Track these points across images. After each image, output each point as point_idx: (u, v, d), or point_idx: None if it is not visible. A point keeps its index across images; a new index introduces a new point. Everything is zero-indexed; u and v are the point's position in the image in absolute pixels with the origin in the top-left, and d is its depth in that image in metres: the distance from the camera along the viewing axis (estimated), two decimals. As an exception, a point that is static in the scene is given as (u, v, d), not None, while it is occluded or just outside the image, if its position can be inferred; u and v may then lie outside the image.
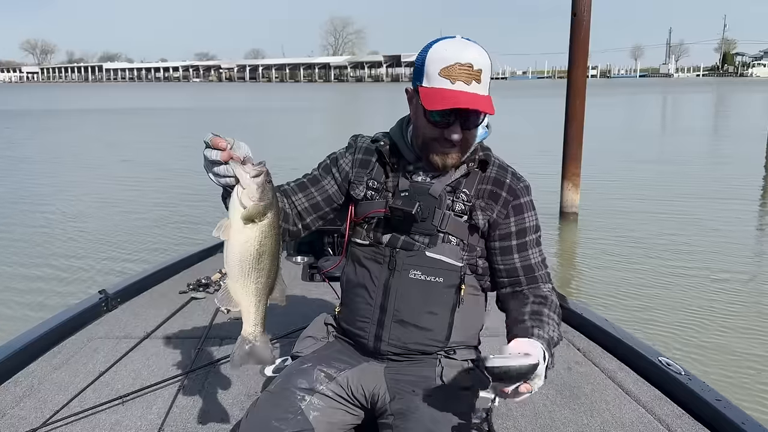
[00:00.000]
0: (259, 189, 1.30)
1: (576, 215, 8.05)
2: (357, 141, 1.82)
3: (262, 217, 1.33)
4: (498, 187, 1.70)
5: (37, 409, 2.16)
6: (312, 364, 1.73)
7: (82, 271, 6.29)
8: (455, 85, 1.54)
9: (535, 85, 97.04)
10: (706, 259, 6.44)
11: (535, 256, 1.73)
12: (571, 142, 7.91)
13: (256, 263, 1.36)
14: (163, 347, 2.68)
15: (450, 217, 1.67)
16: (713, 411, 2.02)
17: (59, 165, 13.97)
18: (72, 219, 8.59)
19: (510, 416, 2.12)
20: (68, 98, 55.03)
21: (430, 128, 1.60)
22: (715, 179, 11.13)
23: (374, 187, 1.74)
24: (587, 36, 7.74)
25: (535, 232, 1.74)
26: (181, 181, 11.25)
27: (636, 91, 60.33)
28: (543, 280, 1.72)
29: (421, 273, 1.67)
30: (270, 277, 1.40)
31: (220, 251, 4.22)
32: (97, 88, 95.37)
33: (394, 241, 1.69)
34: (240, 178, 1.31)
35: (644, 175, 11.51)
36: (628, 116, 29.63)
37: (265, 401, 1.64)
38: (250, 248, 1.34)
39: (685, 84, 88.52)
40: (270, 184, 1.34)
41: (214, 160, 1.33)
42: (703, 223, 7.93)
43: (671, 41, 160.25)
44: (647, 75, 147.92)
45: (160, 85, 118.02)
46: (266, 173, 1.32)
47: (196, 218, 8.43)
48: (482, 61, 1.56)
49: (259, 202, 1.31)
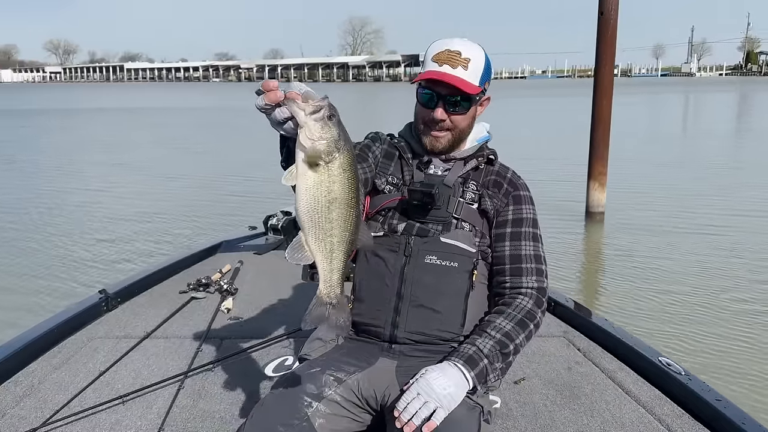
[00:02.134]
0: (318, 125, 1.17)
1: (602, 215, 7.99)
2: (379, 135, 1.92)
3: (328, 158, 1.18)
4: (501, 178, 1.83)
5: (37, 409, 2.16)
6: (321, 368, 1.71)
7: (82, 271, 6.29)
8: (442, 68, 1.69)
9: (554, 84, 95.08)
10: (732, 260, 6.31)
11: (527, 248, 1.76)
12: (597, 141, 7.85)
13: (326, 212, 1.22)
14: (163, 347, 2.68)
15: (463, 204, 1.77)
16: (713, 411, 2.02)
17: (60, 165, 13.98)
18: (72, 219, 8.59)
19: (510, 416, 2.12)
20: (81, 98, 55.20)
21: (421, 110, 1.77)
22: (739, 183, 10.74)
23: (394, 183, 1.82)
24: (614, 35, 7.63)
25: (531, 226, 1.79)
26: (183, 181, 11.26)
27: (658, 90, 59.04)
28: (528, 273, 1.74)
29: (436, 258, 1.72)
30: (346, 230, 1.24)
31: (220, 251, 4.25)
32: (118, 88, 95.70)
33: (410, 228, 1.75)
34: (296, 116, 1.18)
35: (668, 176, 11.34)
36: (651, 116, 29.12)
37: (271, 404, 1.62)
38: (317, 195, 1.20)
39: (708, 83, 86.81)
40: (333, 119, 1.19)
41: (265, 106, 1.22)
42: (732, 225, 7.74)
43: (693, 40, 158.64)
44: (669, 74, 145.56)
45: (180, 84, 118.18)
46: (327, 107, 1.18)
47: (196, 218, 8.43)
48: (473, 52, 1.71)
49: (320, 140, 1.17)
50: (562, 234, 7.42)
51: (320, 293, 1.30)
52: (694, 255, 6.57)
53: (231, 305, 3.11)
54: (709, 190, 10.04)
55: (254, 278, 3.54)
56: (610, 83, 7.79)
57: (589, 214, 8.06)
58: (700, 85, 77.71)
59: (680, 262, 6.34)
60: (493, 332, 1.64)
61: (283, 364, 2.48)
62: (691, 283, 5.74)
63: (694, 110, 34.92)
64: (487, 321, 1.68)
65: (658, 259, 6.45)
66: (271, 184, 10.32)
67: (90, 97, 56.12)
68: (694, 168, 12.59)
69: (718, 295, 5.40)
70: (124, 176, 12.14)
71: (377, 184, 1.82)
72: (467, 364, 1.57)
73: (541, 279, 1.75)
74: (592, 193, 8.02)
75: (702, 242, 7.05)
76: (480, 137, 1.86)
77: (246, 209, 8.63)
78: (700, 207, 8.82)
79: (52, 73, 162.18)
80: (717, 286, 5.65)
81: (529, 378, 2.40)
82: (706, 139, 18.55)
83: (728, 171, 12.24)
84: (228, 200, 9.61)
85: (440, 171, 1.82)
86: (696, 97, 46.73)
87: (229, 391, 2.29)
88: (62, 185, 11.27)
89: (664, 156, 14.34)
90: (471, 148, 1.84)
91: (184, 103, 43.17)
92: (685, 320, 4.89)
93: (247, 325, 2.91)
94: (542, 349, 2.66)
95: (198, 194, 10.01)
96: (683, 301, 5.29)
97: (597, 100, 7.78)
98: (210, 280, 3.35)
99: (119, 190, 10.63)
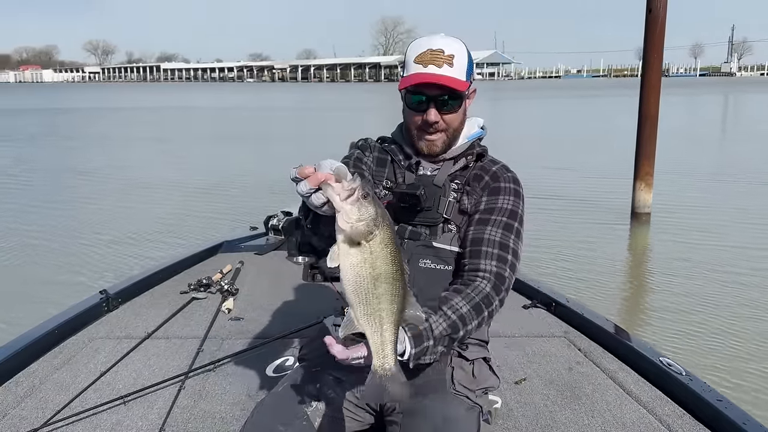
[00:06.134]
0: (354, 208, 1.21)
1: (648, 216, 7.86)
2: (368, 142, 1.89)
3: (368, 237, 1.23)
4: (484, 173, 1.78)
5: (38, 409, 2.16)
6: (320, 368, 1.72)
7: (83, 271, 6.29)
8: (427, 68, 1.64)
9: (591, 84, 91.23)
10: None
11: (492, 234, 1.66)
12: (644, 140, 7.74)
13: (372, 288, 1.24)
14: (164, 347, 2.68)
15: (453, 204, 1.74)
16: (714, 411, 2.02)
17: (63, 163, 14.00)
18: (72, 219, 8.59)
19: (511, 416, 2.12)
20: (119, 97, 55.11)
21: (412, 115, 1.72)
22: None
23: (388, 187, 1.80)
24: (662, 33, 7.53)
25: (505, 216, 1.70)
26: (183, 181, 11.26)
27: (697, 91, 56.63)
28: (487, 257, 1.64)
29: (430, 261, 1.70)
30: (394, 302, 1.27)
31: (221, 251, 4.25)
32: (153, 87, 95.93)
33: (402, 232, 1.72)
34: (332, 200, 1.22)
35: (712, 178, 11.09)
36: (693, 115, 28.46)
37: (271, 404, 1.63)
38: (361, 273, 1.24)
39: (749, 83, 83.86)
40: (368, 199, 1.22)
41: (309, 191, 1.25)
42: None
43: (734, 39, 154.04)
44: (707, 74, 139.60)
45: (215, 85, 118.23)
46: (360, 189, 1.22)
47: (197, 218, 8.44)
48: (455, 48, 1.67)
49: (357, 223, 1.21)
50: (605, 235, 7.37)
51: (374, 367, 1.31)
52: (729, 266, 6.21)
53: (232, 305, 3.11)
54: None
55: (255, 278, 3.54)
56: (658, 81, 7.64)
57: (635, 215, 7.90)
58: (741, 85, 75.06)
59: (717, 270, 6.08)
60: (449, 312, 1.55)
61: (284, 365, 2.48)
62: (721, 295, 5.45)
63: (738, 111, 33.61)
64: (444, 297, 1.59)
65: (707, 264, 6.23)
66: (271, 185, 10.32)
67: (129, 97, 56.18)
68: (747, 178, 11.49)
69: (725, 300, 5.33)
70: (123, 176, 12.15)
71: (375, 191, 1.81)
72: (412, 339, 1.49)
73: (502, 266, 1.64)
74: (638, 193, 7.86)
75: (740, 257, 6.55)
76: (471, 134, 1.82)
77: (247, 209, 8.63)
78: (749, 219, 8.16)
79: (91, 73, 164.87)
80: (738, 295, 5.44)
81: (530, 378, 2.40)
82: (754, 143, 17.20)
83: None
84: (229, 200, 9.61)
85: (429, 171, 1.78)
86: (737, 98, 44.86)
87: (230, 392, 2.29)
88: (62, 185, 11.28)
89: (711, 158, 13.87)
90: (461, 146, 1.79)
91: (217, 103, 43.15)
92: (687, 322, 4.87)
93: (247, 326, 2.91)
94: (543, 349, 2.65)
95: (198, 194, 10.01)
96: (700, 310, 5.13)
97: (644, 98, 7.66)
98: (211, 280, 3.35)
99: (119, 190, 10.63)
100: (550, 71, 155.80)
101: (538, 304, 3.07)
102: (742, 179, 10.98)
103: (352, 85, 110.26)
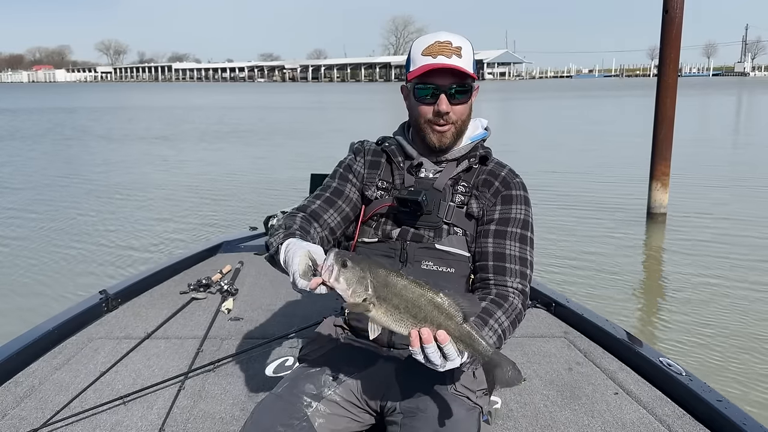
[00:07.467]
0: (341, 283, 1.31)
1: (664, 216, 7.85)
2: (364, 145, 1.89)
3: (367, 293, 1.32)
4: (492, 177, 1.78)
5: (37, 410, 2.16)
6: (320, 368, 1.72)
7: (83, 271, 6.29)
8: (437, 59, 1.65)
9: (602, 84, 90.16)
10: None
11: (512, 248, 1.70)
12: (660, 141, 7.71)
13: (416, 313, 1.32)
14: (163, 347, 2.68)
15: (454, 209, 1.73)
16: (714, 411, 2.02)
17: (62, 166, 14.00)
18: (72, 219, 8.59)
19: (511, 417, 2.12)
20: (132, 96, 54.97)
21: (421, 107, 1.71)
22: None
23: (383, 187, 1.79)
24: (679, 33, 7.50)
25: (520, 227, 1.73)
26: (183, 181, 11.26)
27: (710, 91, 55.73)
28: (512, 274, 1.68)
29: (433, 264, 1.71)
30: (436, 308, 1.33)
31: (221, 251, 4.25)
32: (165, 87, 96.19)
33: (405, 234, 1.73)
34: (335, 288, 1.33)
35: (729, 179, 11.03)
36: (709, 117, 28.30)
37: (270, 405, 1.62)
38: (395, 316, 1.33)
39: (763, 83, 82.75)
40: (346, 266, 1.31)
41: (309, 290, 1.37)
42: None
43: (747, 38, 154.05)
44: (721, 74, 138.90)
45: (226, 84, 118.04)
46: (335, 265, 1.31)
47: (197, 218, 8.44)
48: (462, 41, 1.68)
49: (352, 291, 1.31)
50: (620, 234, 7.36)
51: (484, 360, 1.37)
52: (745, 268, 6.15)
53: (231, 306, 3.11)
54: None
55: (255, 279, 3.54)
56: (674, 81, 7.61)
57: (651, 215, 7.89)
58: (755, 85, 73.52)
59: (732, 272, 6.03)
60: (496, 325, 1.58)
61: (284, 365, 2.48)
62: (731, 297, 5.42)
63: (753, 112, 32.72)
64: (487, 309, 1.60)
65: (723, 264, 6.21)
66: (271, 185, 10.33)
67: (141, 96, 56.25)
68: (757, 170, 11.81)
69: (736, 302, 5.30)
70: (123, 176, 12.15)
71: (367, 194, 1.80)
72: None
73: (525, 283, 1.69)
74: (654, 193, 7.84)
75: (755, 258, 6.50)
76: (475, 135, 1.81)
77: (247, 209, 8.64)
78: (765, 221, 8.09)
79: (104, 73, 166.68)
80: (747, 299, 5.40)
81: (530, 378, 2.40)
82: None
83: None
84: (229, 200, 9.61)
85: (431, 174, 1.77)
86: (751, 99, 43.54)
87: (230, 392, 2.29)
88: (61, 185, 11.29)
89: (726, 159, 13.74)
90: (464, 147, 1.79)
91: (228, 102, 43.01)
92: (696, 323, 4.86)
93: (247, 326, 2.90)
94: (543, 349, 2.65)
95: (198, 194, 10.01)
96: (709, 311, 5.12)
97: (660, 98, 7.64)
98: (210, 280, 3.35)
99: (119, 190, 10.62)
100: (562, 71, 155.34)
101: (538, 304, 3.07)
102: (758, 181, 10.89)
103: (362, 84, 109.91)
